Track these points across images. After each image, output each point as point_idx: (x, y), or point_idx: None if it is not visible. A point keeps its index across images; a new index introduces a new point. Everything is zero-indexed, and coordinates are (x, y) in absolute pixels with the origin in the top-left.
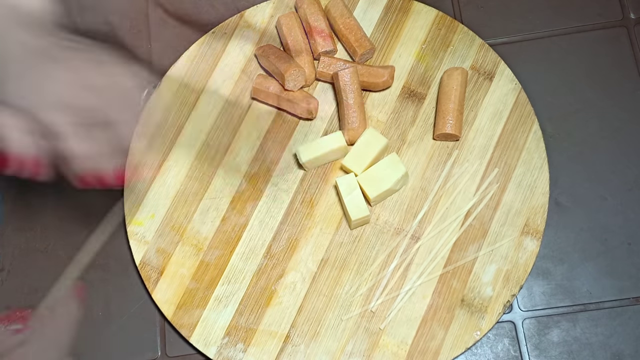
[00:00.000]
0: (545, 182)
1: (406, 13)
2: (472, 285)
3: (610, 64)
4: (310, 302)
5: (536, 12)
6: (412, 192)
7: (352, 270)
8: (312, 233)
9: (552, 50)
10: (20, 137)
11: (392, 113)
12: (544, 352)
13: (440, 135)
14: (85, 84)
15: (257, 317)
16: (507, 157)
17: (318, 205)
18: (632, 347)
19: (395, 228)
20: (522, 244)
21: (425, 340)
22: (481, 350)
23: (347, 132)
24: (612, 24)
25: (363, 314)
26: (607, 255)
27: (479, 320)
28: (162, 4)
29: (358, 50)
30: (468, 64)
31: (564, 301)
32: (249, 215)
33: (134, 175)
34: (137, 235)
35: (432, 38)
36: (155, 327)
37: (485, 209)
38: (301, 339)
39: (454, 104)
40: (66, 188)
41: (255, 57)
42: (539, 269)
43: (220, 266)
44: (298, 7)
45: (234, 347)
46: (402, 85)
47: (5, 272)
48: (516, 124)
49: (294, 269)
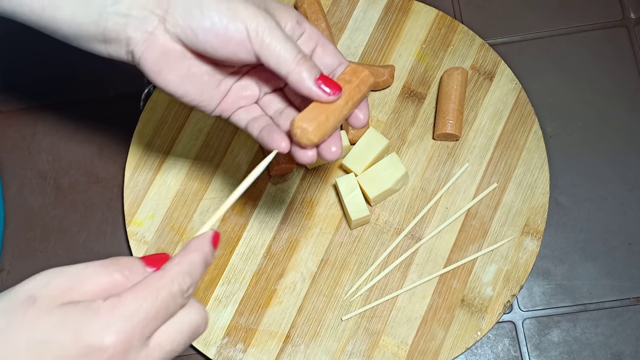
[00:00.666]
0: (546, 182)
1: (406, 13)
2: (472, 285)
3: (610, 64)
4: (310, 302)
5: (536, 12)
6: (412, 192)
7: (352, 270)
8: (312, 233)
9: (552, 50)
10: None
11: (392, 113)
12: (544, 352)
13: (440, 135)
14: None
15: (257, 317)
16: (507, 157)
17: (318, 205)
18: (632, 347)
19: (395, 228)
20: (522, 244)
21: (425, 340)
22: (481, 350)
23: (349, 131)
24: (612, 24)
25: (363, 314)
26: (607, 255)
27: (479, 320)
28: None
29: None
30: (468, 63)
31: (564, 301)
32: (249, 215)
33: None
34: (137, 235)
35: (432, 38)
36: None
37: (485, 209)
38: (301, 339)
39: (454, 104)
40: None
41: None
42: (539, 269)
43: (220, 266)
44: (298, 7)
45: (234, 347)
46: (402, 85)
47: (5, 272)
48: (516, 124)
49: (294, 269)
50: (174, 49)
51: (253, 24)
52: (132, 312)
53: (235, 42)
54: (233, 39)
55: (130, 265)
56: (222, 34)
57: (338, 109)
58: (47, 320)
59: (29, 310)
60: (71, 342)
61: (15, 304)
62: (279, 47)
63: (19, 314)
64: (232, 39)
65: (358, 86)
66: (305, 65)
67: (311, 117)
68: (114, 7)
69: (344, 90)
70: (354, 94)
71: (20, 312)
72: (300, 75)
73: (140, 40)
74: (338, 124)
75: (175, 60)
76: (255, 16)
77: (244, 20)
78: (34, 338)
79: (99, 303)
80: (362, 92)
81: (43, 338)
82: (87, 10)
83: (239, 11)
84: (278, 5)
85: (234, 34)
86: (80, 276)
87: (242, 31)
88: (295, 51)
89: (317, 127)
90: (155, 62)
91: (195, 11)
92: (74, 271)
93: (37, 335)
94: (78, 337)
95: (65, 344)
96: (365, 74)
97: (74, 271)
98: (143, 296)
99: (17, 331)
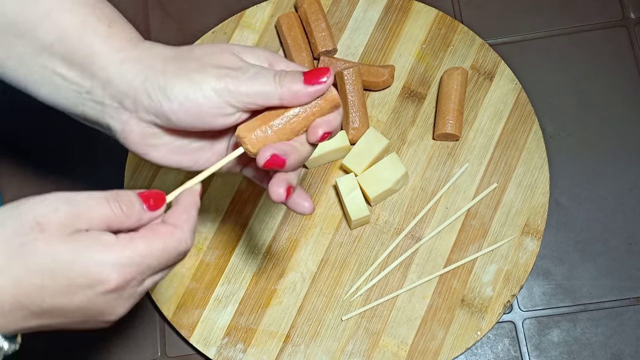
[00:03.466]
0: (546, 182)
1: (406, 13)
2: (472, 285)
3: (610, 64)
4: (310, 302)
5: (536, 12)
6: (412, 192)
7: (352, 270)
8: (312, 233)
9: (552, 50)
10: None
11: (392, 113)
12: (544, 352)
13: (440, 135)
14: None
15: (257, 317)
16: (507, 157)
17: (318, 205)
18: (632, 347)
19: (395, 228)
20: (522, 244)
21: (425, 340)
22: (481, 350)
23: (349, 131)
24: (612, 24)
25: (363, 314)
26: (607, 255)
27: (479, 320)
28: (162, 4)
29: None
30: (468, 63)
31: (564, 301)
32: (248, 216)
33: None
34: None
35: (432, 38)
36: (155, 327)
37: (485, 209)
38: (301, 339)
39: (454, 104)
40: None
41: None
42: (539, 269)
43: (220, 266)
44: (298, 7)
45: (234, 348)
46: (402, 85)
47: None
48: (516, 124)
49: (294, 269)
50: (153, 132)
51: (221, 85)
52: (140, 259)
53: (210, 110)
54: (205, 109)
55: (128, 202)
56: (193, 108)
57: (287, 124)
58: (59, 249)
59: (40, 237)
60: (81, 272)
61: (25, 228)
62: (256, 87)
63: (30, 238)
64: (204, 110)
65: (319, 103)
66: (287, 79)
67: (250, 127)
68: (89, 95)
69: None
70: (312, 110)
71: (31, 237)
72: (291, 92)
73: (119, 128)
74: (286, 137)
75: (158, 140)
76: (218, 77)
77: (210, 87)
78: (46, 264)
79: (110, 238)
80: (322, 111)
81: (55, 266)
82: (65, 93)
83: (201, 80)
84: (246, 50)
85: (204, 103)
86: (85, 206)
87: (211, 97)
88: (271, 76)
89: (256, 137)
90: (138, 144)
91: (159, 96)
92: (80, 199)
93: (49, 262)
94: (87, 269)
95: (75, 273)
96: (333, 94)
97: (80, 199)
98: (154, 246)
99: (29, 256)
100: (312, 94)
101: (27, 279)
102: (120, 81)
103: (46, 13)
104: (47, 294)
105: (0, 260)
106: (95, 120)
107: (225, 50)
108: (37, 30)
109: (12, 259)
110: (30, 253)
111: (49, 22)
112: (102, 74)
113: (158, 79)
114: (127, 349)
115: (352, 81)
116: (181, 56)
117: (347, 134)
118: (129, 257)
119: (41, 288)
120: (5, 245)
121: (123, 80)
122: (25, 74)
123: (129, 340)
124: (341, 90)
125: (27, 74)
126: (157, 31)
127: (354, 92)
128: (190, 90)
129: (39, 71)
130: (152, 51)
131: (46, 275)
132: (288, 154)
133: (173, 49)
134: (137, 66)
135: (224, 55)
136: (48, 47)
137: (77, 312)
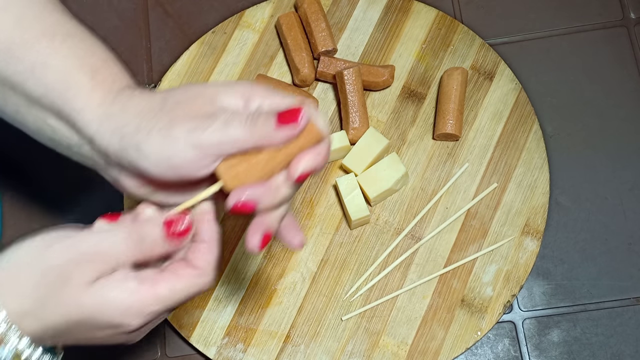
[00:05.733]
0: (546, 182)
1: (406, 13)
2: (472, 285)
3: (611, 64)
4: (310, 302)
5: (536, 12)
6: (412, 192)
7: (352, 270)
8: (312, 233)
9: (552, 50)
10: None
11: (392, 113)
12: (544, 352)
13: (440, 135)
14: None
15: (257, 317)
16: (507, 157)
17: (318, 205)
18: (632, 347)
19: (395, 228)
20: (522, 244)
21: (425, 340)
22: (481, 350)
23: (349, 131)
24: (612, 24)
25: (363, 314)
26: (607, 255)
27: (479, 320)
28: (162, 4)
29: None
30: (468, 63)
31: (564, 301)
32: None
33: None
34: None
35: (432, 38)
36: (155, 327)
37: (485, 209)
38: (301, 339)
39: (454, 104)
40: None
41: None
42: (539, 269)
43: (220, 266)
44: (298, 7)
45: (234, 348)
46: (402, 85)
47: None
48: (516, 124)
49: (294, 269)
50: (144, 182)
51: (193, 139)
52: (163, 304)
53: (188, 165)
54: (183, 163)
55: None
56: (171, 164)
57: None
58: (84, 301)
59: (65, 290)
60: (105, 323)
61: (51, 276)
62: (227, 135)
63: (56, 287)
64: (182, 164)
65: (302, 137)
66: (259, 123)
67: (230, 164)
68: (79, 149)
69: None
70: (296, 144)
71: (58, 285)
72: (263, 136)
73: (112, 180)
74: (267, 174)
75: (152, 185)
76: (189, 131)
77: (183, 142)
78: (73, 315)
79: (132, 285)
80: (306, 145)
81: (80, 317)
82: (60, 142)
83: (174, 136)
84: (222, 90)
85: (181, 157)
86: (110, 253)
87: (187, 152)
88: (242, 121)
89: (236, 174)
90: (135, 191)
91: (136, 155)
92: (105, 245)
93: (74, 314)
94: (111, 320)
95: (99, 322)
96: (316, 128)
97: (105, 245)
98: (176, 290)
99: (57, 307)
100: (286, 136)
101: (54, 323)
102: (101, 141)
103: (31, 69)
104: (72, 333)
105: (27, 304)
106: (89, 166)
107: (199, 96)
108: (25, 84)
109: (40, 306)
110: (57, 303)
111: (34, 79)
112: (86, 131)
113: (133, 139)
114: (127, 349)
115: (352, 81)
116: (155, 109)
117: (347, 134)
118: (151, 304)
119: (67, 330)
120: (33, 290)
121: (103, 140)
122: (21, 123)
123: None
124: (341, 90)
125: (23, 123)
126: (157, 31)
127: (354, 92)
128: (164, 147)
129: (34, 121)
130: (127, 105)
131: (71, 323)
132: (262, 197)
133: (150, 99)
134: (114, 124)
135: (197, 102)
136: (37, 100)
137: (98, 341)
